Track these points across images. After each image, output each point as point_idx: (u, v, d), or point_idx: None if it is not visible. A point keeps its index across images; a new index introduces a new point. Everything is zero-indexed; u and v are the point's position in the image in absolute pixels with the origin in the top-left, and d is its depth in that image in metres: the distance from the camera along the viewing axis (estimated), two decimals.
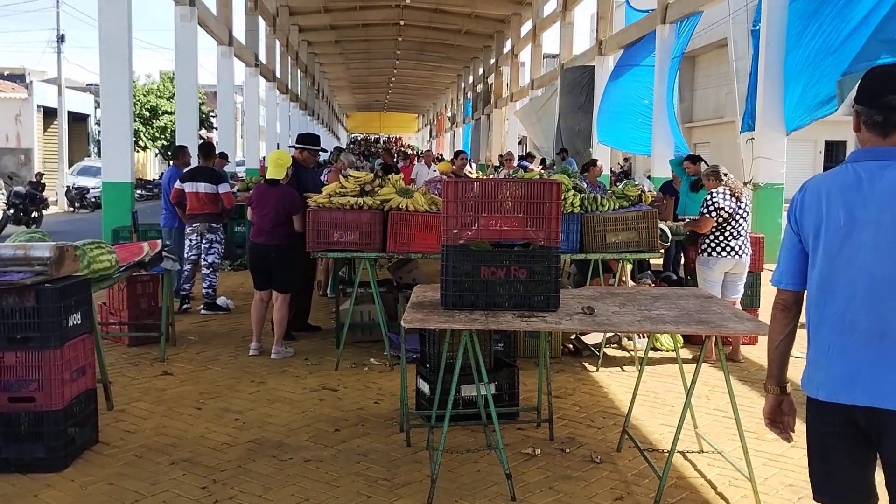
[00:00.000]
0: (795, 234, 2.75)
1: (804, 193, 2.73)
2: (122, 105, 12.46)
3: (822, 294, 2.63)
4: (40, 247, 4.85)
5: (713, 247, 7.06)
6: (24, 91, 32.85)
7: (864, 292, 2.52)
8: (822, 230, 2.61)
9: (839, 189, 2.61)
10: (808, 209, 2.68)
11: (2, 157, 31.80)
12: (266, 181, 7.51)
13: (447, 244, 4.54)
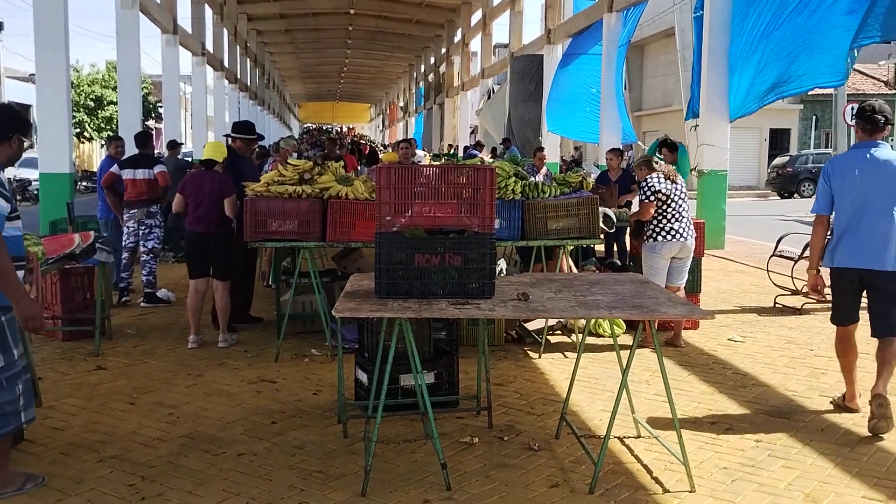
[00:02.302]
0: (828, 185, 5.29)
1: (833, 164, 5.34)
2: (60, 94, 12.13)
3: (842, 213, 5.21)
4: None
5: (657, 231, 7.08)
6: None
7: (862, 210, 5.12)
8: (844, 181, 5.19)
9: (853, 161, 5.24)
10: (836, 172, 5.27)
11: None
12: (202, 163, 7.37)
13: (380, 232, 4.47)
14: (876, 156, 5.12)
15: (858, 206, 5.12)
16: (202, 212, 7.19)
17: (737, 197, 27.91)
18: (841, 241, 5.20)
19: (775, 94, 11.65)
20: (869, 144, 5.18)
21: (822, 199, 5.32)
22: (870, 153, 5.15)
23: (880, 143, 5.18)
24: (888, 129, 5.29)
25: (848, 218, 5.17)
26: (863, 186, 5.11)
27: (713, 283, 10.42)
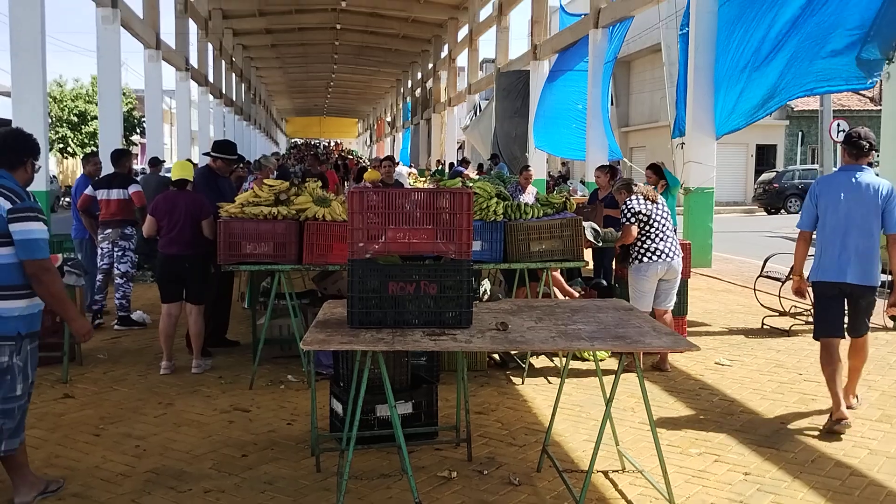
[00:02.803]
0: (813, 204, 5.64)
1: (820, 184, 5.70)
2: (36, 111, 11.87)
3: (827, 230, 5.55)
4: None
5: (642, 252, 6.93)
6: None
7: (846, 229, 5.46)
8: (829, 200, 5.54)
9: (839, 183, 5.57)
10: (823, 192, 5.60)
11: None
12: (173, 184, 7.16)
13: (353, 258, 4.29)
14: (860, 179, 5.51)
15: (842, 225, 5.50)
16: (176, 233, 6.99)
17: (724, 213, 27.87)
18: (825, 256, 5.60)
19: (764, 111, 11.53)
20: (854, 168, 5.57)
21: (806, 216, 5.73)
22: (855, 177, 5.53)
23: (864, 167, 5.59)
24: (872, 153, 5.67)
25: (832, 235, 5.54)
26: (847, 207, 5.49)
27: (700, 303, 10.28)
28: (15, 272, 3.97)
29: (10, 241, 3.93)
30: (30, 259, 3.94)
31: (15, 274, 3.96)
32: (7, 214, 3.89)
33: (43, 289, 4.00)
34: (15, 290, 3.98)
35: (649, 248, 6.91)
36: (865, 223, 5.44)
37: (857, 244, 5.46)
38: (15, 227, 3.91)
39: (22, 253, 3.93)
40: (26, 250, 3.93)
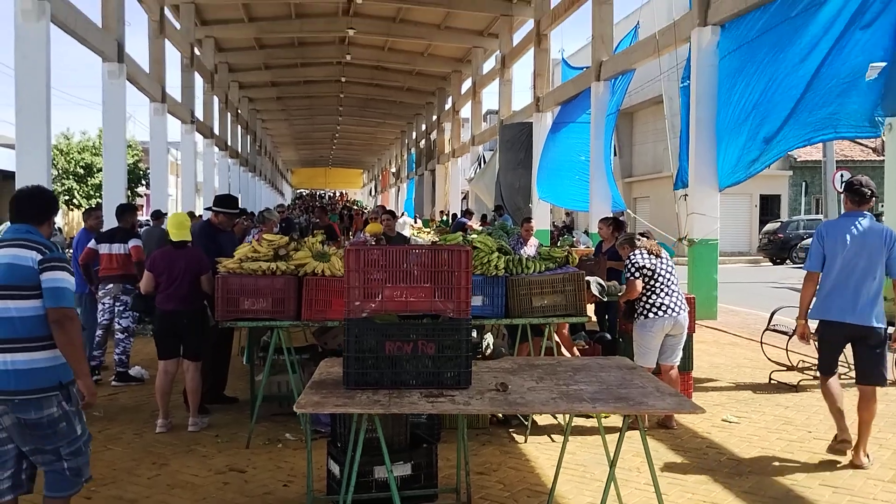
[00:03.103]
0: (821, 245, 5.96)
1: (826, 228, 6.04)
2: (40, 164, 11.87)
3: (832, 272, 5.86)
4: None
5: (648, 308, 6.81)
6: None
7: (850, 272, 5.78)
8: (836, 244, 5.85)
9: (843, 228, 5.88)
10: (829, 235, 5.92)
11: None
12: (172, 244, 7.09)
13: (349, 317, 4.21)
14: (863, 225, 5.88)
15: (847, 268, 5.84)
16: (174, 289, 6.92)
17: (728, 263, 27.78)
18: (831, 297, 5.91)
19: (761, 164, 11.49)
20: (857, 214, 5.94)
21: (814, 258, 6.03)
22: (858, 222, 5.89)
23: (866, 213, 5.96)
24: (873, 200, 6.02)
25: (837, 277, 5.87)
26: (851, 251, 5.84)
27: (706, 356, 10.13)
28: (46, 323, 3.97)
29: (40, 293, 3.96)
30: (56, 306, 3.94)
31: (46, 324, 3.97)
32: (38, 265, 3.96)
33: (65, 337, 3.94)
34: (49, 339, 3.97)
35: (655, 303, 6.80)
36: (870, 267, 5.80)
37: (863, 287, 5.79)
38: (45, 276, 3.96)
39: (49, 301, 3.95)
40: (53, 298, 3.95)
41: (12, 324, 3.91)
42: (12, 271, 3.93)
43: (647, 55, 15.02)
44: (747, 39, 11.74)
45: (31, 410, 3.89)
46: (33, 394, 3.90)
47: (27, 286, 3.93)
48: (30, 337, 3.92)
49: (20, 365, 3.89)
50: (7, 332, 3.90)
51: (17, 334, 3.91)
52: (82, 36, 13.68)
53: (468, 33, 28.62)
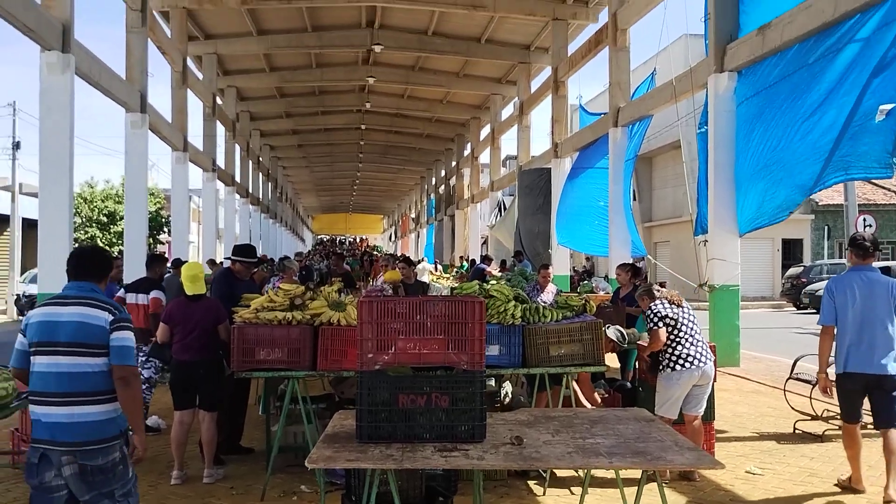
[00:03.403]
0: (832, 300, 6.26)
1: (835, 283, 6.35)
2: (62, 213, 12.02)
3: (846, 325, 6.17)
4: None
5: (674, 360, 6.65)
6: None
7: (863, 323, 6.12)
8: (846, 298, 6.18)
9: (851, 281, 6.22)
10: (839, 290, 6.24)
11: None
12: (187, 298, 7.10)
13: (362, 370, 4.17)
14: (869, 277, 6.26)
15: (859, 320, 6.18)
16: (191, 340, 6.92)
17: (751, 308, 27.49)
18: (848, 349, 6.22)
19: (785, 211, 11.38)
20: (862, 268, 6.34)
21: (827, 312, 6.35)
22: (864, 275, 6.27)
23: (872, 267, 6.37)
24: (876, 254, 6.47)
25: (851, 329, 6.20)
26: (862, 303, 6.18)
27: (729, 405, 9.96)
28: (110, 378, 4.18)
29: (107, 351, 4.16)
30: (123, 364, 4.16)
31: (110, 380, 4.18)
32: (109, 326, 4.17)
33: (129, 393, 4.18)
34: (112, 393, 4.18)
35: (681, 354, 6.66)
36: (881, 317, 6.15)
37: (876, 337, 6.14)
38: (114, 335, 4.17)
39: (117, 359, 4.15)
40: (121, 356, 4.17)
41: (82, 379, 4.09)
42: (84, 329, 4.11)
43: (664, 101, 15.06)
44: (765, 86, 11.75)
45: (99, 457, 4.06)
46: (100, 444, 4.07)
47: (97, 344, 4.13)
48: (97, 391, 4.12)
49: (88, 417, 4.07)
50: (76, 386, 4.08)
51: (86, 388, 4.09)
52: (106, 88, 13.94)
53: (486, 80, 28.93)
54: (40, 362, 4.12)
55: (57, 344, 4.09)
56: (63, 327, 4.10)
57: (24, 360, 4.22)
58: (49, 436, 4.03)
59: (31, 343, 4.16)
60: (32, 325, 4.17)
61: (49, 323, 4.12)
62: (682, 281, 14.66)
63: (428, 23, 23.66)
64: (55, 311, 4.15)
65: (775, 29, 11.12)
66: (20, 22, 10.49)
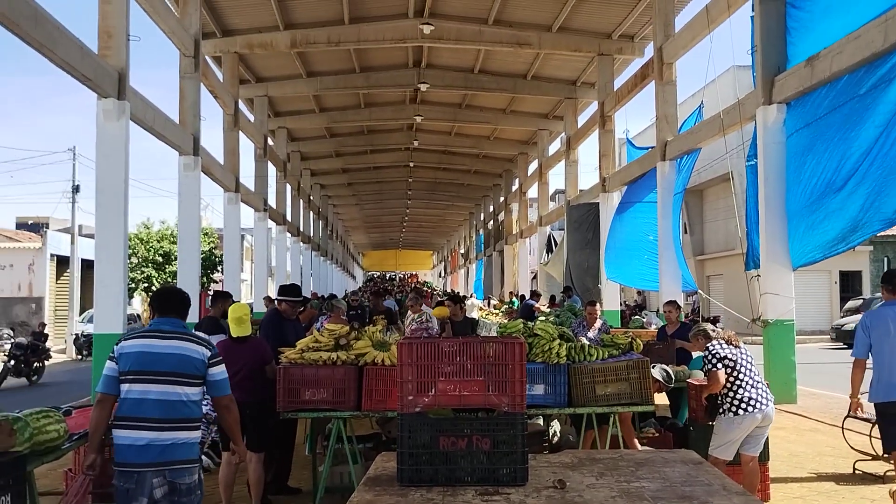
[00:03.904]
0: (867, 335, 6.40)
1: (871, 318, 6.50)
2: (117, 255, 12.35)
3: (882, 356, 6.28)
4: None
5: (735, 404, 6.42)
6: (39, 240, 33.41)
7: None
8: (881, 331, 6.30)
9: (886, 316, 6.34)
10: (874, 324, 6.38)
11: (14, 307, 31.97)
12: (234, 339, 7.17)
13: (402, 412, 4.15)
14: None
15: (892, 349, 6.28)
16: (238, 381, 6.96)
17: (808, 342, 26.82)
18: (885, 380, 6.30)
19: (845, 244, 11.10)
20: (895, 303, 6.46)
21: (861, 346, 6.50)
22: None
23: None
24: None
25: (887, 361, 6.28)
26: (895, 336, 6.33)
27: (785, 444, 9.68)
28: (199, 406, 4.67)
29: (202, 382, 4.66)
30: (224, 394, 4.80)
31: (199, 408, 4.68)
32: (207, 360, 4.68)
33: (231, 417, 4.91)
34: (198, 421, 4.68)
35: (742, 398, 6.45)
36: None
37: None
38: (212, 370, 4.70)
39: (218, 390, 4.75)
40: (221, 388, 4.76)
41: (177, 406, 4.52)
42: (186, 362, 4.59)
43: (712, 134, 14.93)
44: (815, 117, 11.57)
45: (186, 476, 4.49)
46: (191, 463, 4.54)
47: (195, 375, 4.61)
48: (189, 418, 4.56)
49: (181, 440, 4.50)
50: (172, 412, 4.49)
51: (182, 415, 4.53)
52: (160, 132, 14.33)
53: (533, 116, 29.05)
54: (137, 389, 4.47)
55: (157, 373, 4.48)
56: (165, 358, 4.52)
57: (115, 386, 4.51)
58: (143, 458, 4.37)
59: (126, 371, 4.48)
60: (130, 355, 4.50)
61: (149, 353, 4.52)
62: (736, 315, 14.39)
63: (474, 61, 23.91)
64: (154, 343, 4.57)
65: (824, 60, 10.97)
66: (78, 71, 10.87)
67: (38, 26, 9.76)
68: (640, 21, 19.85)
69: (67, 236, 32.05)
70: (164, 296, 4.87)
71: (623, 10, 19.45)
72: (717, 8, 14.60)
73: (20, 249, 32.90)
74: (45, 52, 10.13)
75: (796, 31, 12.25)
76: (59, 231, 36.12)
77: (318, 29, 20.41)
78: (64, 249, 32.38)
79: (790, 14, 12.35)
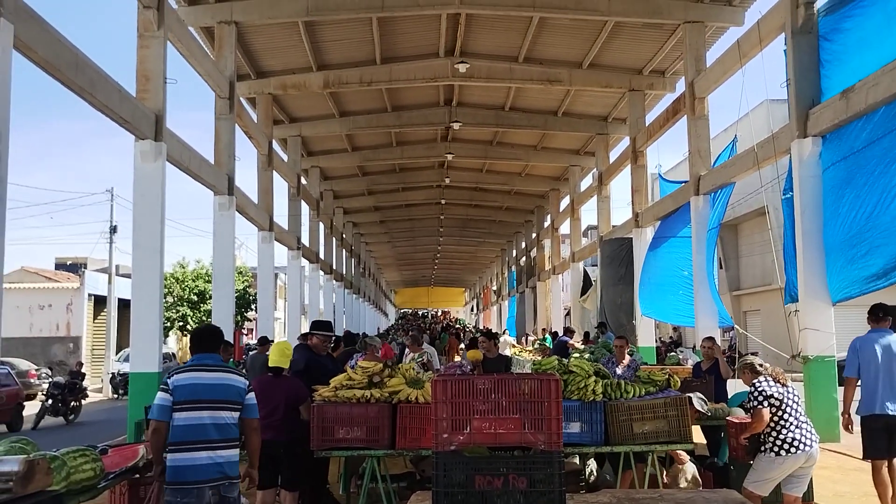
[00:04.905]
0: (856, 357, 7.54)
1: (860, 342, 7.61)
2: (153, 296, 12.45)
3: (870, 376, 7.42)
4: (8, 461, 4.53)
5: (779, 444, 6.25)
6: (77, 280, 33.93)
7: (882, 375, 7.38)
8: (868, 355, 7.46)
9: (872, 341, 7.53)
10: (862, 348, 7.55)
11: (52, 346, 32.41)
12: (270, 370, 7.19)
13: (437, 450, 4.11)
14: (887, 338, 7.54)
15: (880, 372, 7.38)
16: (271, 419, 6.96)
17: None
18: (870, 396, 7.41)
19: (886, 280, 10.90)
20: (881, 330, 7.63)
21: (851, 366, 7.62)
22: (883, 336, 7.57)
23: (887, 329, 7.62)
24: (889, 320, 7.69)
25: (874, 380, 7.41)
26: (881, 359, 7.42)
27: (829, 484, 9.41)
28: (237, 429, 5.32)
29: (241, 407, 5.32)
30: (256, 417, 5.48)
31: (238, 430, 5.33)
32: (246, 388, 5.40)
33: (258, 439, 5.51)
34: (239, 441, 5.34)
35: (786, 438, 6.27)
36: None
37: (892, 385, 7.35)
38: (248, 396, 5.40)
39: (249, 413, 5.39)
40: (253, 412, 5.44)
41: (224, 428, 5.20)
42: (230, 390, 5.29)
43: (746, 168, 14.80)
44: (853, 150, 11.42)
45: (234, 490, 5.21)
46: (235, 479, 5.22)
47: (237, 402, 5.30)
48: (233, 438, 5.25)
49: (228, 458, 5.19)
50: (223, 434, 5.19)
51: (228, 436, 5.22)
52: (196, 172, 14.54)
53: (565, 152, 29.08)
54: (188, 416, 5.11)
55: (205, 401, 5.15)
56: (215, 388, 5.21)
57: (168, 415, 5.11)
58: (202, 476, 5.03)
59: (179, 401, 5.11)
60: (185, 387, 5.15)
61: (200, 384, 5.19)
62: (775, 351, 14.14)
63: (505, 98, 24.05)
64: (203, 375, 5.24)
65: (859, 92, 10.86)
66: (117, 114, 11.10)
67: (79, 72, 10.00)
68: (671, 56, 19.86)
69: (105, 276, 32.50)
70: (203, 334, 5.53)
71: (653, 45, 19.49)
72: (748, 42, 14.57)
73: (59, 290, 33.43)
74: (85, 97, 10.37)
75: (830, 64, 12.16)
76: (96, 271, 36.66)
77: (351, 69, 20.69)
78: (101, 289, 32.83)
79: (823, 47, 12.28)
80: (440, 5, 17.23)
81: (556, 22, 18.61)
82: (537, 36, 19.34)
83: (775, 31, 13.68)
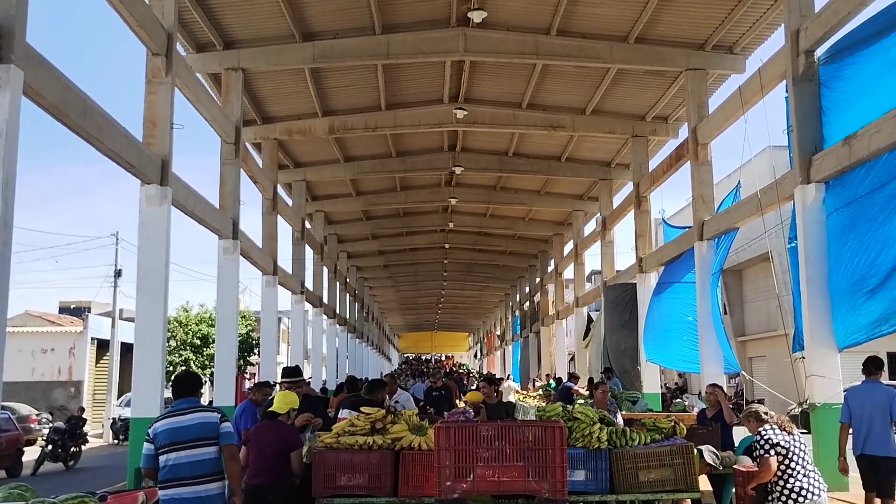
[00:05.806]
0: (847, 406, 8.69)
1: (852, 392, 8.91)
2: (156, 340, 12.36)
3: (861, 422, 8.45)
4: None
5: (787, 494, 6.20)
6: (80, 324, 33.89)
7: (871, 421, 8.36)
8: (858, 403, 8.57)
9: (863, 392, 8.66)
10: (853, 398, 8.72)
11: (53, 390, 32.29)
12: (268, 414, 7.15)
13: (440, 498, 4.06)
14: (875, 389, 8.46)
15: (867, 418, 8.28)
16: (263, 462, 6.88)
17: None
18: (857, 439, 8.35)
19: (890, 326, 10.86)
20: (872, 382, 8.53)
21: (844, 414, 8.64)
22: (871, 385, 8.49)
23: (877, 381, 8.53)
24: (881, 371, 8.59)
25: (864, 425, 8.32)
26: (869, 406, 8.32)
27: None
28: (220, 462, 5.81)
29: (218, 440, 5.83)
30: (231, 444, 5.92)
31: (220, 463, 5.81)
32: (219, 420, 5.91)
33: (237, 466, 5.99)
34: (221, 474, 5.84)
35: (793, 487, 6.19)
36: (881, 416, 8.26)
37: (877, 429, 8.23)
38: (222, 425, 5.91)
39: (227, 440, 5.89)
40: (229, 438, 5.91)
41: (204, 464, 5.74)
42: (205, 427, 5.81)
43: (749, 213, 14.83)
44: (855, 196, 11.44)
45: None
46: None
47: (213, 437, 5.82)
48: (213, 472, 5.79)
49: (212, 492, 5.76)
50: (203, 469, 5.74)
51: (209, 470, 5.77)
52: (201, 216, 14.58)
53: (568, 197, 29.20)
54: (173, 456, 5.69)
55: (185, 441, 5.70)
56: (190, 429, 5.76)
57: (154, 462, 5.75)
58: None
59: (161, 445, 5.71)
60: (164, 433, 5.75)
61: (174, 428, 5.76)
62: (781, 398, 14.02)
63: (508, 144, 24.22)
64: (179, 419, 5.81)
65: (861, 139, 10.91)
66: (123, 159, 11.17)
67: (87, 117, 10.08)
68: (674, 103, 20.02)
69: (108, 320, 32.47)
70: (180, 381, 6.17)
71: (656, 92, 19.66)
72: (749, 89, 14.69)
73: (62, 333, 33.40)
74: (93, 142, 10.43)
75: (831, 111, 12.23)
76: (100, 315, 36.65)
77: (356, 115, 20.88)
78: (105, 333, 32.79)
79: (824, 94, 12.35)
80: (444, 53, 17.44)
81: (560, 69, 18.82)
82: (540, 82, 19.54)
83: (776, 78, 13.80)
